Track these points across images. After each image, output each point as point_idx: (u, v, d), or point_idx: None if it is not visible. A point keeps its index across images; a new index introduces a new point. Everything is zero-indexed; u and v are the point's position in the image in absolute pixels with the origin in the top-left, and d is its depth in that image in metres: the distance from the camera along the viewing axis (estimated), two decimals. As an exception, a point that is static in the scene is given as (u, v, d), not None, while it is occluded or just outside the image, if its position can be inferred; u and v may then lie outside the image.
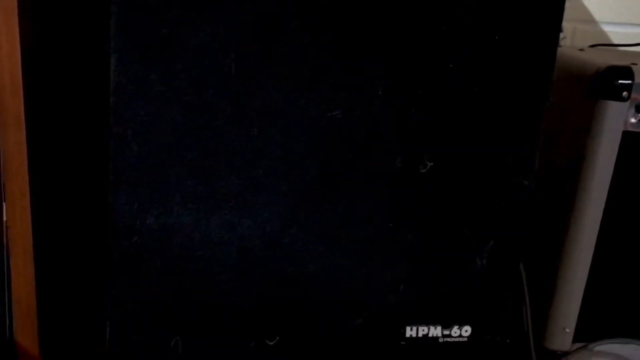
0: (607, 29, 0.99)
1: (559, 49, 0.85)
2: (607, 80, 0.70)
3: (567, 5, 0.96)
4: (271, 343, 0.61)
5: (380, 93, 0.56)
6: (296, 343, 0.62)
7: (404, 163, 0.58)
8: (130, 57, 0.52)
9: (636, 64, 0.71)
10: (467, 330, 0.65)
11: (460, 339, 0.65)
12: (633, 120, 0.71)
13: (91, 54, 0.62)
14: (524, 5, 0.57)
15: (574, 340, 0.77)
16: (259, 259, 0.59)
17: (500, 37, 0.57)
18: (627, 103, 0.70)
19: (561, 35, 0.58)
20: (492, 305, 0.64)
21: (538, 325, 0.77)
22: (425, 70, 0.57)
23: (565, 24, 0.97)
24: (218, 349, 0.61)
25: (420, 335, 0.64)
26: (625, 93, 0.69)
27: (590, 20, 0.99)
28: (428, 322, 0.64)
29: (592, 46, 0.94)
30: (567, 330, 0.77)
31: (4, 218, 0.61)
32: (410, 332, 0.64)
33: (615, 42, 0.98)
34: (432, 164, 0.59)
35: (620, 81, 0.69)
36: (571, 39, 0.98)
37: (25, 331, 0.64)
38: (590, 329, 0.77)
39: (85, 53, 0.66)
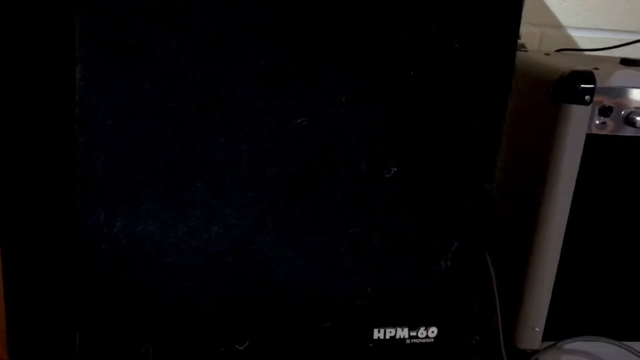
0: (574, 33, 1.01)
1: (526, 54, 0.87)
2: (570, 84, 0.71)
3: (535, 10, 0.99)
4: (241, 348, 0.62)
5: (343, 100, 0.57)
6: (266, 347, 0.63)
7: (368, 168, 0.60)
8: (96, 67, 0.53)
9: (598, 69, 0.73)
10: (433, 332, 0.66)
11: (427, 340, 0.66)
12: (597, 122, 0.72)
13: (57, 64, 0.62)
14: (483, 13, 0.58)
15: (544, 339, 0.79)
16: (228, 264, 0.59)
17: (461, 45, 0.58)
18: (590, 106, 0.71)
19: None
20: (457, 306, 0.65)
21: (508, 325, 0.78)
22: (387, 78, 0.58)
23: (533, 29, 1.00)
24: (188, 354, 0.61)
25: (387, 337, 0.65)
26: (587, 97, 0.71)
27: (557, 25, 1.01)
28: (395, 324, 0.65)
29: (559, 51, 0.96)
30: (537, 329, 0.78)
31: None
32: (377, 334, 0.65)
33: (582, 46, 1.00)
34: (396, 169, 0.60)
35: (582, 85, 0.71)
36: (539, 43, 1.00)
37: (-5, 340, 0.64)
38: (559, 328, 0.79)
39: (51, 63, 0.66)
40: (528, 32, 0.99)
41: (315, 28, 0.56)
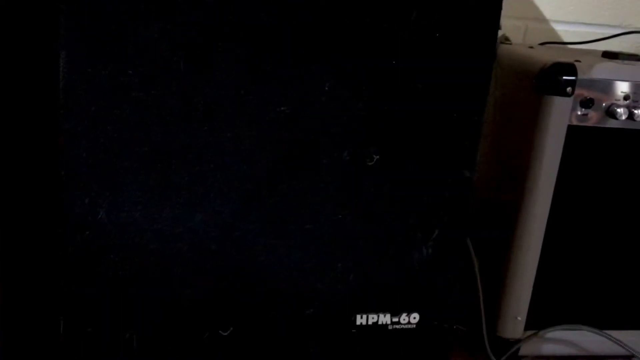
0: (557, 27, 1.02)
1: (511, 47, 0.88)
2: (552, 76, 0.72)
3: (520, 4, 1.00)
4: (225, 334, 0.63)
5: (326, 89, 0.58)
6: (249, 333, 0.63)
7: (351, 156, 0.60)
8: (80, 54, 0.53)
9: (580, 61, 0.74)
10: (415, 318, 0.67)
11: (409, 326, 0.67)
12: (578, 114, 0.73)
13: (41, 51, 0.62)
14: (465, 3, 0.59)
15: (526, 328, 0.80)
16: (211, 251, 0.60)
17: (442, 35, 0.59)
18: (572, 98, 0.72)
19: (499, 32, 0.60)
20: (438, 292, 0.66)
21: (491, 315, 0.80)
22: (369, 67, 0.58)
23: (517, 23, 1.01)
24: (172, 340, 0.62)
25: (370, 323, 0.66)
26: (569, 89, 0.72)
27: (541, 18, 1.02)
28: (377, 310, 0.66)
29: (542, 44, 0.97)
30: (519, 318, 0.79)
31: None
32: (360, 320, 0.65)
33: (565, 40, 1.01)
34: (378, 157, 0.61)
35: (564, 77, 0.72)
36: (523, 37, 1.01)
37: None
38: (541, 317, 0.80)
39: (34, 50, 0.65)
40: (513, 25, 1.00)
41: (298, 18, 0.56)
